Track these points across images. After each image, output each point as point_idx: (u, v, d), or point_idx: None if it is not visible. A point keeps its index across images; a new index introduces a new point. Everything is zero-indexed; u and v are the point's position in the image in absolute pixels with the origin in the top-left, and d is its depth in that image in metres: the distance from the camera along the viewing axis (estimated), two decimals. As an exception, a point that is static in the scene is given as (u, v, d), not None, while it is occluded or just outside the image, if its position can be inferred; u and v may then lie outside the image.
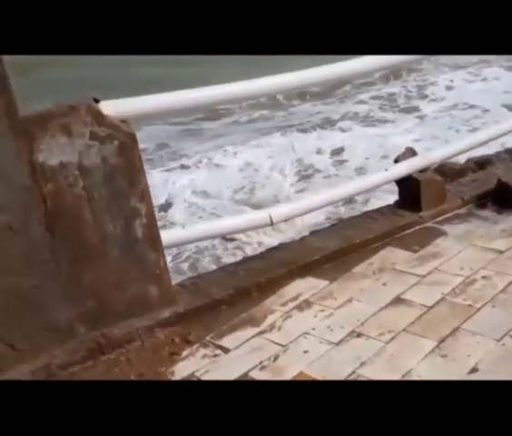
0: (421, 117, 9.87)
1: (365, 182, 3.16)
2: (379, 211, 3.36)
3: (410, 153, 3.40)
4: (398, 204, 3.39)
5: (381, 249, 3.02)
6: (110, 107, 2.31)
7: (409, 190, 3.31)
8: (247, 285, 2.73)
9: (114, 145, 2.31)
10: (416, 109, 10.30)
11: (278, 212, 2.87)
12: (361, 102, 10.99)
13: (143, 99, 2.43)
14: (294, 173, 8.01)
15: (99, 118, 2.25)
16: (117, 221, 2.36)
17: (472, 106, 9.80)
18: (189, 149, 9.44)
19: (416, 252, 2.94)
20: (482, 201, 3.36)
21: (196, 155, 9.06)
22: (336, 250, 2.96)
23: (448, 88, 11.10)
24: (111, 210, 2.34)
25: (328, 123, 10.08)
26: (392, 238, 3.10)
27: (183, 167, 8.71)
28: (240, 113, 10.86)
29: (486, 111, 9.39)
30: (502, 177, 3.42)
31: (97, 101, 2.27)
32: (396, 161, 3.38)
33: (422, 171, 3.32)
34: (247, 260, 3.00)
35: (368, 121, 10.06)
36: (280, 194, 7.29)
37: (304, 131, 9.83)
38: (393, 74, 11.65)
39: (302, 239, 3.15)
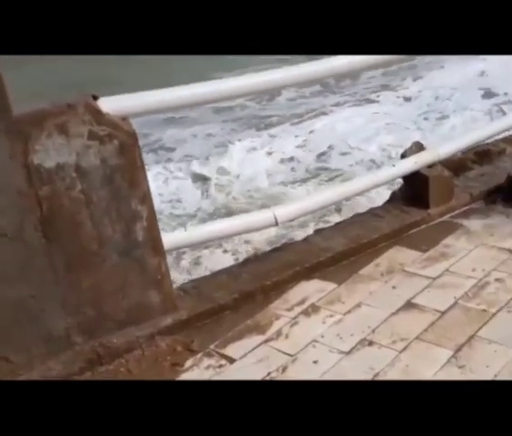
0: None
1: (371, 178, 3.05)
2: (385, 208, 3.26)
3: (418, 147, 3.29)
4: (404, 201, 3.29)
5: (389, 248, 2.92)
6: (109, 104, 2.18)
7: (417, 186, 3.21)
8: (251, 289, 2.62)
9: (114, 145, 2.18)
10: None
11: (283, 211, 2.76)
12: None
13: (144, 95, 2.30)
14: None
15: (98, 116, 2.12)
16: (117, 224, 2.24)
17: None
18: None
19: (425, 251, 2.84)
20: (491, 197, 3.27)
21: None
22: (342, 250, 2.86)
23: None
24: (110, 213, 2.22)
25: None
26: (400, 237, 3.01)
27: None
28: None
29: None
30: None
31: (96, 98, 2.14)
32: (403, 156, 3.28)
33: (430, 166, 3.21)
34: (250, 261, 2.89)
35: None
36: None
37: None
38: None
39: (306, 239, 3.04)
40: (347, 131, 9.28)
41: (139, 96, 2.28)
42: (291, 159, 8.42)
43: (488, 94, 9.72)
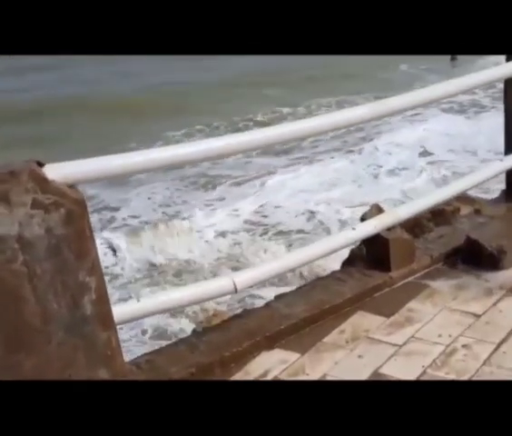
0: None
1: (330, 244, 2.98)
2: (347, 271, 3.19)
3: (377, 210, 3.26)
4: (365, 263, 3.23)
5: (352, 314, 2.83)
6: (56, 171, 2.05)
7: (377, 249, 3.16)
8: (209, 361, 2.47)
9: (61, 214, 2.03)
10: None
11: (242, 277, 2.64)
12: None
13: (93, 161, 2.18)
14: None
15: (43, 184, 1.97)
16: (62, 298, 2.07)
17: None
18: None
19: (389, 316, 2.76)
20: (451, 259, 3.25)
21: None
22: (305, 317, 2.75)
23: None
24: (55, 286, 2.05)
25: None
26: (363, 301, 2.93)
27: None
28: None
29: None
30: (470, 234, 3.32)
31: (41, 164, 2.01)
32: (362, 219, 3.24)
33: (390, 229, 3.18)
34: (208, 330, 2.74)
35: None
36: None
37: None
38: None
39: (267, 305, 2.92)
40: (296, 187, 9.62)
41: (87, 163, 2.16)
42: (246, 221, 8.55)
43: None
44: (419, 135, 12.19)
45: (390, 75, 19.81)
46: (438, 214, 4.11)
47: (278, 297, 3.02)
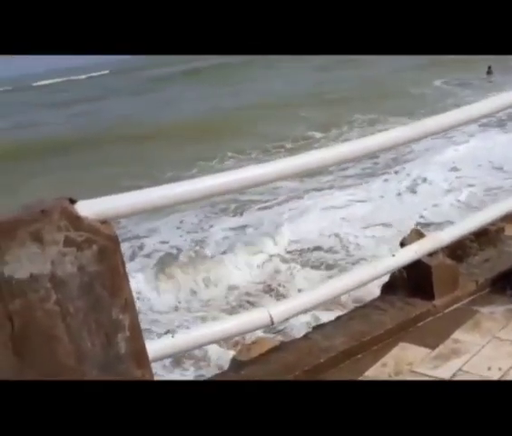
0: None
1: (370, 271, 2.87)
2: (388, 300, 3.08)
3: (417, 234, 3.15)
4: (406, 291, 3.11)
5: (394, 345, 2.71)
6: (88, 208, 2.03)
7: (419, 275, 3.04)
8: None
9: (93, 251, 2.01)
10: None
11: (279, 309, 2.57)
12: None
13: (126, 196, 2.16)
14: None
15: (75, 221, 1.95)
16: (96, 337, 2.03)
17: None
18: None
19: (433, 348, 2.63)
20: (498, 284, 3.10)
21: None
22: (344, 349, 2.65)
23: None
24: (89, 325, 2.02)
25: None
26: (405, 331, 2.81)
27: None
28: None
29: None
30: (517, 257, 3.17)
31: (73, 201, 1.99)
32: (402, 244, 3.13)
33: (431, 254, 3.05)
34: (247, 364, 2.67)
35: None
36: None
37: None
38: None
39: (306, 336, 2.83)
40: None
41: (120, 198, 2.14)
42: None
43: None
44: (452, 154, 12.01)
45: (424, 91, 19.63)
46: (482, 235, 3.95)
47: (316, 328, 2.93)
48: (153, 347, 2.22)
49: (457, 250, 3.82)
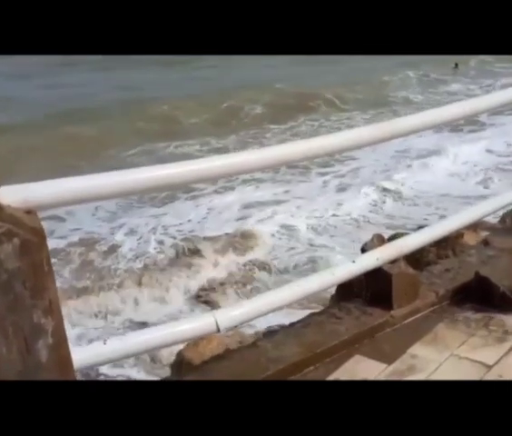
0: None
1: (329, 277, 2.70)
2: (345, 307, 2.91)
3: (379, 240, 2.98)
4: (365, 299, 2.95)
5: (348, 358, 2.55)
6: (11, 194, 1.78)
7: (379, 283, 2.88)
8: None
9: (14, 244, 1.75)
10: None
11: (227, 315, 2.36)
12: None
13: (56, 183, 1.91)
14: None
15: (-7, 210, 1.70)
16: (14, 342, 1.79)
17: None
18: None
19: (390, 363, 2.48)
20: (459, 296, 2.97)
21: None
22: (295, 361, 2.47)
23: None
24: (5, 328, 1.77)
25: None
26: (360, 344, 2.65)
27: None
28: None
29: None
30: (479, 269, 3.04)
31: (-7, 187, 1.74)
32: (363, 250, 2.96)
33: (393, 261, 2.90)
34: (186, 374, 2.46)
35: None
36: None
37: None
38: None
39: (254, 344, 2.64)
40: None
41: (49, 184, 1.88)
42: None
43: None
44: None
45: (391, 79, 20.73)
46: (442, 240, 3.83)
47: (266, 335, 2.74)
48: (81, 355, 1.98)
49: (417, 257, 3.70)
